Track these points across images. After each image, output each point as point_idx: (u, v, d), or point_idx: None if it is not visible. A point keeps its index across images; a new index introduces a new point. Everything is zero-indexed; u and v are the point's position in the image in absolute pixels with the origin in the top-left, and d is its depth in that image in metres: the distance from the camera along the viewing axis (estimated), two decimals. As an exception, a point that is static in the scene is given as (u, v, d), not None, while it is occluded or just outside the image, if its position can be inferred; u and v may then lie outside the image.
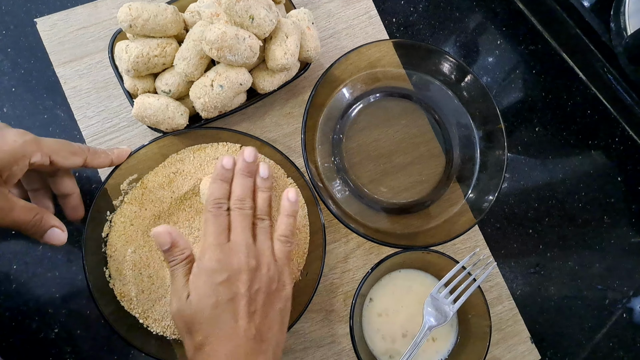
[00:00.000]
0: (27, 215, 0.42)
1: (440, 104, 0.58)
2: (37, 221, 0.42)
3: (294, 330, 0.52)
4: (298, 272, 0.51)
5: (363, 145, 0.56)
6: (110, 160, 0.48)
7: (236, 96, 0.50)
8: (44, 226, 0.43)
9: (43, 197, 0.47)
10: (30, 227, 0.42)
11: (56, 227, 0.43)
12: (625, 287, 0.58)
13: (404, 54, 0.57)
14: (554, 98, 0.61)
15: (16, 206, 0.41)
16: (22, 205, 0.41)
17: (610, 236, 0.59)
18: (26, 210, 0.42)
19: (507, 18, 0.63)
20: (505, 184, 0.59)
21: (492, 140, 0.55)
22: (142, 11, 0.46)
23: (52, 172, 0.46)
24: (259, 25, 0.46)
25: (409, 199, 0.56)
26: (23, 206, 0.41)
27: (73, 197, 0.48)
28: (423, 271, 0.53)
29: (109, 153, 0.48)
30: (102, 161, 0.47)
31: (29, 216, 0.42)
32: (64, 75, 0.54)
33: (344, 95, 0.57)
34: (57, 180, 0.47)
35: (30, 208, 0.42)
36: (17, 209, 0.41)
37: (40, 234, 0.43)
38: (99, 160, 0.47)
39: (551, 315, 0.57)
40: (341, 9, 0.60)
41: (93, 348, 0.50)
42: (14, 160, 0.40)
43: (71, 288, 0.50)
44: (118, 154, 0.48)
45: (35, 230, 0.42)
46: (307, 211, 0.52)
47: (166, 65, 0.49)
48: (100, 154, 0.47)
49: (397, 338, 0.51)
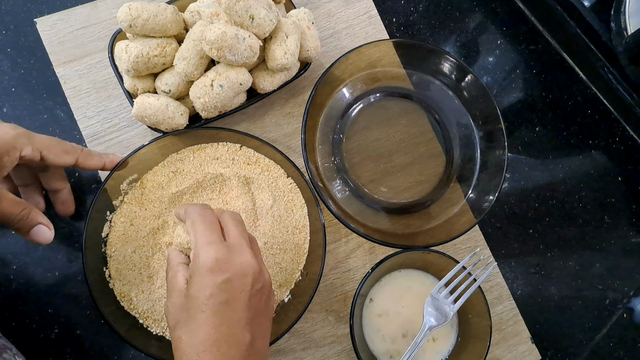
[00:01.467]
0: (14, 208, 0.41)
1: (441, 104, 0.58)
2: (23, 216, 0.41)
3: (294, 330, 0.52)
4: (298, 272, 0.51)
5: (363, 145, 0.56)
6: (102, 163, 0.47)
7: (236, 96, 0.50)
8: (31, 222, 0.42)
9: (33, 192, 0.47)
10: (16, 221, 0.41)
11: (43, 224, 0.43)
12: (625, 287, 0.58)
13: (404, 53, 0.57)
14: (554, 98, 0.61)
15: (3, 198, 0.40)
16: (10, 198, 0.41)
17: (610, 236, 0.59)
18: (13, 203, 0.41)
19: (508, 18, 0.63)
20: (505, 184, 0.59)
21: (493, 140, 0.55)
22: (142, 11, 0.46)
23: (42, 168, 0.46)
24: (259, 25, 0.46)
25: (409, 199, 0.56)
26: (11, 199, 0.41)
27: (63, 192, 0.48)
28: (423, 271, 0.53)
29: (102, 156, 0.47)
30: (94, 163, 0.47)
31: (16, 210, 0.41)
32: (64, 75, 0.54)
33: (344, 95, 0.57)
34: (47, 176, 0.47)
35: (18, 202, 0.41)
36: (3, 200, 0.40)
37: (26, 229, 0.42)
38: (92, 162, 0.46)
39: (551, 315, 0.57)
40: (341, 9, 0.60)
41: (93, 348, 0.50)
42: (5, 151, 0.40)
43: (71, 288, 0.50)
44: (112, 159, 0.48)
45: (21, 225, 0.42)
46: (307, 211, 0.52)
47: (166, 65, 0.49)
48: (94, 156, 0.47)
49: (397, 338, 0.51)
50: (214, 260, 0.37)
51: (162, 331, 0.48)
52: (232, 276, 0.37)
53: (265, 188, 0.52)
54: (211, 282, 0.37)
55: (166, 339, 0.48)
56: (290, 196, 0.52)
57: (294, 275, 0.51)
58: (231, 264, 0.38)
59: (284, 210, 0.52)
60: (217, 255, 0.37)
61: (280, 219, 0.51)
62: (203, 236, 0.39)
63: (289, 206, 0.52)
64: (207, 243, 0.38)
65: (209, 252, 0.38)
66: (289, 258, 0.51)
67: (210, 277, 0.37)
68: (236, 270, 0.38)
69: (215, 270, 0.37)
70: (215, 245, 0.38)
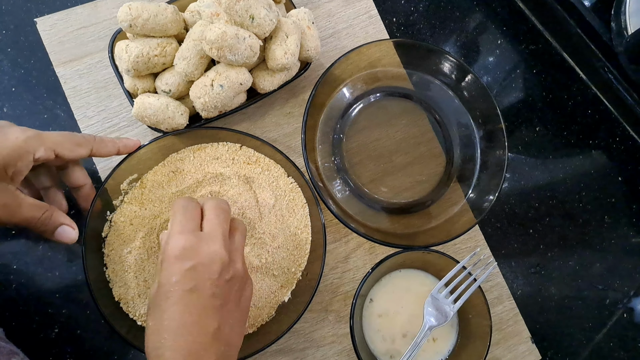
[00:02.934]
0: (35, 212, 0.41)
1: (441, 104, 0.58)
2: (46, 218, 0.42)
3: (294, 330, 0.52)
4: (300, 272, 0.51)
5: (363, 145, 0.56)
6: (117, 148, 0.47)
7: (236, 96, 0.50)
8: (54, 223, 0.43)
9: (55, 194, 0.47)
10: (39, 224, 0.42)
11: (66, 224, 0.43)
12: (625, 287, 0.58)
13: (405, 53, 0.57)
14: (554, 98, 0.61)
15: (24, 203, 0.41)
16: (31, 203, 0.41)
17: (610, 236, 0.59)
18: (35, 207, 0.41)
19: (508, 17, 0.63)
20: (505, 184, 0.59)
21: (493, 140, 0.55)
22: (142, 11, 0.46)
23: (61, 166, 0.46)
24: (259, 24, 0.46)
25: (409, 198, 0.56)
26: (31, 203, 0.41)
27: (85, 187, 0.47)
28: (423, 271, 0.53)
29: (116, 142, 0.47)
30: (109, 150, 0.46)
31: (38, 213, 0.42)
32: (64, 75, 0.54)
33: (344, 95, 0.57)
34: (68, 173, 0.46)
35: (39, 205, 0.42)
36: (25, 205, 0.41)
37: (50, 231, 0.43)
38: (106, 149, 0.46)
39: (552, 315, 0.57)
40: (341, 9, 0.60)
41: (93, 348, 0.50)
42: (18, 156, 0.39)
43: (71, 288, 0.50)
44: (126, 143, 0.47)
45: (45, 228, 0.42)
46: (308, 211, 0.52)
47: (166, 65, 0.49)
48: (107, 143, 0.46)
49: (397, 338, 0.51)
50: (180, 248, 0.38)
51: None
52: (197, 264, 0.37)
53: (267, 187, 0.52)
54: (177, 269, 0.37)
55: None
56: (292, 195, 0.52)
57: (295, 276, 0.51)
58: (198, 252, 0.38)
59: (286, 209, 0.52)
60: (184, 244, 0.38)
61: (283, 219, 0.51)
62: (178, 225, 0.39)
63: (291, 206, 0.52)
64: (179, 232, 0.39)
65: (177, 240, 0.38)
66: (290, 259, 0.51)
67: (176, 264, 0.37)
68: (202, 259, 0.38)
69: (181, 258, 0.37)
70: (185, 234, 0.39)
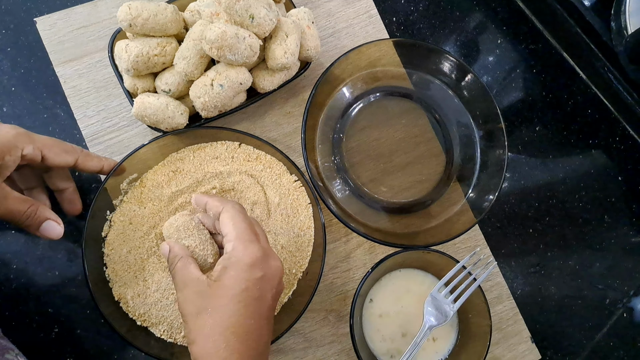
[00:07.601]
0: (21, 205, 0.41)
1: (441, 103, 0.58)
2: (31, 212, 0.42)
3: (294, 330, 0.52)
4: (301, 273, 0.51)
5: (363, 145, 0.56)
6: (101, 166, 0.47)
7: (236, 95, 0.50)
8: (39, 218, 0.43)
9: (39, 194, 0.48)
10: (24, 218, 0.42)
11: (51, 219, 0.43)
12: (625, 287, 0.58)
13: (404, 53, 0.57)
14: (554, 97, 0.61)
15: (10, 196, 0.41)
16: (17, 196, 0.41)
17: (610, 236, 0.59)
18: (20, 200, 0.42)
19: (508, 17, 0.63)
20: (505, 184, 0.59)
21: (493, 139, 0.55)
22: (141, 10, 0.46)
23: (45, 169, 0.46)
24: (259, 24, 0.46)
25: (409, 198, 0.56)
26: (17, 197, 0.41)
27: (69, 191, 0.48)
28: (423, 271, 0.53)
29: (102, 159, 0.48)
30: (94, 165, 0.47)
31: (23, 207, 0.42)
32: (64, 74, 0.54)
33: (344, 95, 0.57)
34: (52, 175, 0.47)
35: (25, 199, 0.42)
36: (11, 198, 0.41)
37: (35, 226, 0.43)
38: (91, 164, 0.47)
39: (551, 314, 0.57)
40: (341, 8, 0.60)
41: (93, 348, 0.50)
42: (7, 150, 0.40)
43: (71, 288, 0.50)
44: (110, 163, 0.48)
45: (30, 222, 0.42)
46: (312, 212, 0.52)
47: (166, 64, 0.49)
48: (93, 158, 0.47)
49: (397, 338, 0.51)
50: (255, 258, 0.39)
51: (160, 334, 0.48)
52: (265, 276, 0.39)
53: (270, 185, 0.52)
54: (250, 276, 0.38)
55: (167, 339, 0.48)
56: (296, 195, 0.52)
57: (296, 277, 0.51)
58: (267, 264, 0.40)
59: (290, 209, 0.51)
60: (258, 254, 0.39)
61: (288, 219, 0.51)
62: (246, 233, 0.40)
63: (295, 205, 0.52)
64: (250, 240, 0.40)
65: (252, 249, 0.39)
66: (292, 260, 0.51)
67: (249, 271, 0.38)
68: (270, 272, 0.40)
69: (254, 267, 0.39)
70: (256, 244, 0.40)
